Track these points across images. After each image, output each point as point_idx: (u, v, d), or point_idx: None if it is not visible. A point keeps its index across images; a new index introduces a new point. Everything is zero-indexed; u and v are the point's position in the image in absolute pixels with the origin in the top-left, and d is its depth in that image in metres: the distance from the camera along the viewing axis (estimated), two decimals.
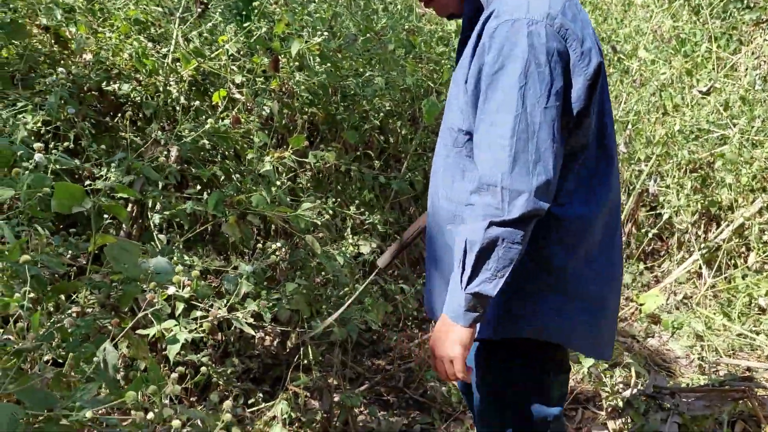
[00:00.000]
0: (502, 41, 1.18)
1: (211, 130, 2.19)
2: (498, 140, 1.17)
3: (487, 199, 1.17)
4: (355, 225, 2.91)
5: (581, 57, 1.21)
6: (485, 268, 1.18)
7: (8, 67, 2.16)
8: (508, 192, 1.15)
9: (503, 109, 1.17)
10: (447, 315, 1.25)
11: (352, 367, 2.63)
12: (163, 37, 2.35)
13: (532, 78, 1.16)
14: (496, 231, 1.16)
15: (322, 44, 2.06)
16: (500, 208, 1.15)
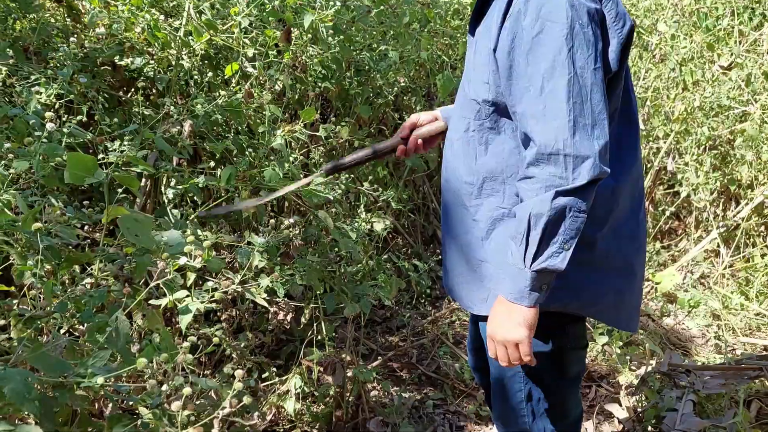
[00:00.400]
0: (540, 3, 1.13)
1: (224, 105, 2.18)
2: (553, 106, 1.12)
3: (550, 169, 1.12)
4: (369, 202, 2.90)
5: (616, 18, 1.18)
6: (552, 242, 1.13)
7: (22, 41, 2.16)
8: (572, 159, 1.10)
9: (553, 73, 1.12)
10: (507, 297, 1.19)
11: (365, 343, 2.64)
12: (175, 9, 2.33)
13: (578, 39, 1.11)
14: (563, 201, 1.11)
15: (335, 16, 2.02)
16: (564, 177, 1.11)
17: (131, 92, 2.41)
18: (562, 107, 1.11)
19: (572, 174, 1.10)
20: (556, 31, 1.11)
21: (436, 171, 3.61)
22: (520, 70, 1.16)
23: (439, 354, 2.64)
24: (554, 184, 1.11)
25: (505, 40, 1.18)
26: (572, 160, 1.10)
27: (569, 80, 1.10)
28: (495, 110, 1.27)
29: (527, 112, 1.15)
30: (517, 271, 1.16)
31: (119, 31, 2.29)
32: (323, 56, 2.18)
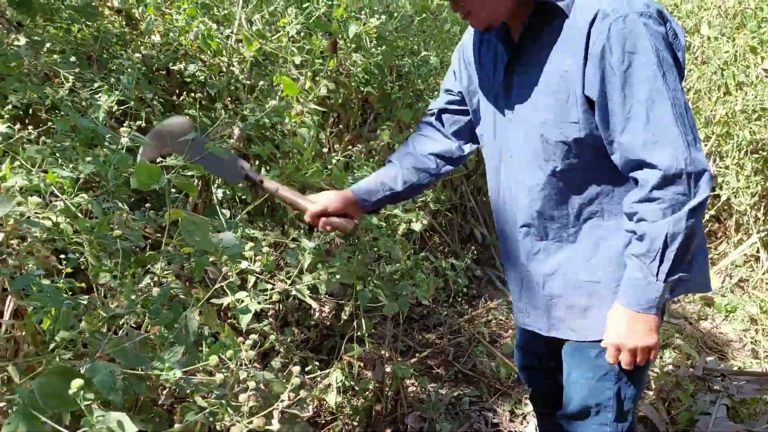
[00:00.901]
0: (622, 39, 1.20)
1: (271, 110, 2.28)
2: (664, 131, 1.20)
3: (675, 188, 1.20)
4: (407, 202, 2.97)
5: (675, 36, 1.26)
6: (686, 255, 1.24)
7: (84, 49, 2.29)
8: (693, 176, 1.19)
9: (654, 101, 1.20)
10: (635, 308, 1.28)
11: (403, 340, 2.72)
12: (226, 18, 2.43)
13: (665, 64, 1.20)
14: (694, 218, 1.21)
15: (379, 27, 2.10)
16: (688, 194, 1.20)
17: (183, 96, 2.54)
18: (673, 130, 1.19)
19: (694, 190, 1.20)
20: (645, 61, 1.19)
21: (473, 171, 3.67)
22: (616, 104, 1.23)
23: (475, 352, 2.70)
24: (679, 202, 1.20)
25: (592, 78, 1.24)
26: (694, 177, 1.19)
27: (671, 104, 1.19)
28: (585, 146, 1.32)
29: (635, 142, 1.23)
30: (646, 284, 1.25)
31: (174, 39, 2.41)
32: (366, 63, 2.26)
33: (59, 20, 2.26)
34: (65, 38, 2.24)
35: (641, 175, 1.24)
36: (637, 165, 1.25)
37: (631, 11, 1.20)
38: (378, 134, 2.72)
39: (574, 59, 1.26)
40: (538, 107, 1.34)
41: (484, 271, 3.49)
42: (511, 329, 2.99)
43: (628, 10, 1.20)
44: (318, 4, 2.25)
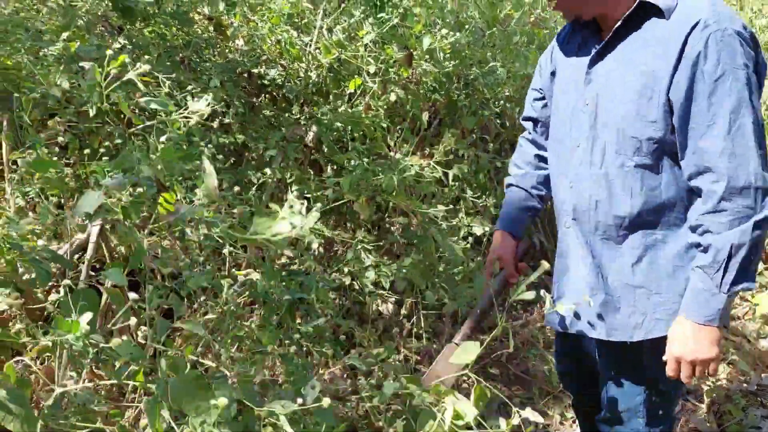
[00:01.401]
0: (719, 50, 1.25)
1: (345, 115, 2.42)
2: (743, 144, 1.25)
3: (742, 201, 1.25)
4: (469, 206, 3.06)
5: (765, 63, 1.32)
6: (750, 267, 1.27)
7: (177, 51, 2.49)
8: (762, 191, 1.25)
9: (739, 114, 1.25)
10: (698, 320, 1.31)
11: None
12: (306, 26, 2.59)
13: (754, 84, 1.26)
14: (759, 231, 1.25)
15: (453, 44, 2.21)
16: (754, 208, 1.25)
17: (262, 98, 2.71)
18: (752, 145, 1.24)
19: (761, 204, 1.25)
20: (738, 75, 1.24)
21: None
22: (701, 110, 1.27)
23: (528, 355, 2.77)
24: (746, 215, 1.25)
25: (681, 81, 1.29)
26: (762, 193, 1.24)
27: (753, 121, 1.25)
28: (658, 148, 1.35)
29: (712, 149, 1.27)
30: (709, 296, 1.29)
31: (257, 44, 2.58)
32: (437, 73, 2.37)
33: (155, 25, 2.46)
34: (161, 43, 2.44)
35: (708, 185, 1.29)
36: (706, 172, 1.29)
37: (731, 27, 1.25)
38: (443, 140, 2.82)
39: (666, 61, 1.30)
40: (621, 100, 1.38)
41: (541, 277, 3.53)
42: None
43: (729, 26, 1.25)
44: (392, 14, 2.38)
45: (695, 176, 1.32)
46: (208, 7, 2.44)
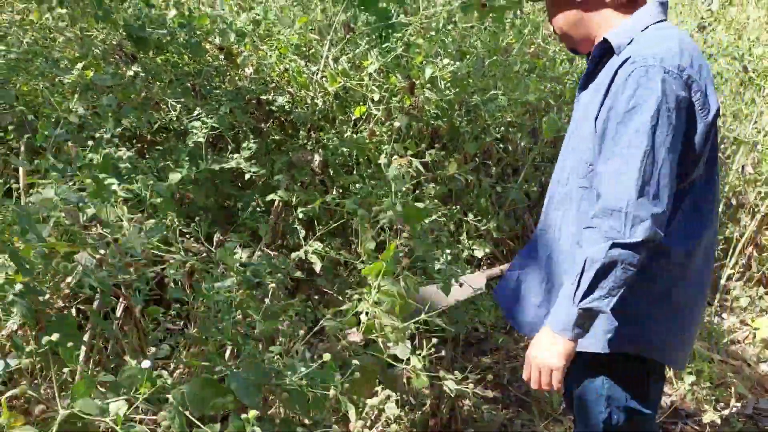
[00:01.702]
0: (636, 85, 1.32)
1: (350, 140, 2.50)
2: (627, 171, 1.30)
3: (611, 222, 1.30)
4: (470, 230, 3.11)
5: (702, 106, 1.36)
6: (601, 286, 1.30)
7: (188, 79, 2.58)
8: (631, 217, 1.28)
9: (634, 144, 1.30)
10: (553, 328, 1.37)
11: (460, 362, 2.85)
12: (313, 56, 2.68)
13: (662, 120, 1.30)
14: (617, 252, 1.29)
15: (454, 73, 2.29)
16: (622, 232, 1.28)
17: (269, 124, 2.79)
18: (634, 174, 1.29)
19: (629, 230, 1.28)
20: (646, 109, 1.30)
21: (536, 203, 3.78)
22: (609, 136, 1.36)
23: None
24: (613, 236, 1.29)
25: (604, 110, 1.39)
26: (632, 219, 1.28)
27: (645, 152, 1.30)
28: (590, 172, 1.46)
29: (605, 172, 1.35)
30: (567, 306, 1.34)
31: (266, 72, 2.67)
32: (438, 101, 2.44)
33: (168, 54, 2.55)
34: (173, 70, 2.53)
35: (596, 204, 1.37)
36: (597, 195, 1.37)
37: (657, 65, 1.32)
38: (446, 165, 2.89)
39: (600, 93, 1.41)
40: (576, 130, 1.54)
41: None
42: None
43: (655, 63, 1.32)
44: (396, 44, 2.46)
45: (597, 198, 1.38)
46: (220, 37, 2.53)
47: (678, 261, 1.46)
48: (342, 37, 2.46)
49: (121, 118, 2.24)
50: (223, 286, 1.59)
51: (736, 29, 3.94)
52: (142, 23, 2.42)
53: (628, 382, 1.55)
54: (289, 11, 2.69)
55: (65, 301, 2.10)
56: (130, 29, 2.39)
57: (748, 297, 3.43)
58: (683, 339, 1.55)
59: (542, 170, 3.51)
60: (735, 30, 3.94)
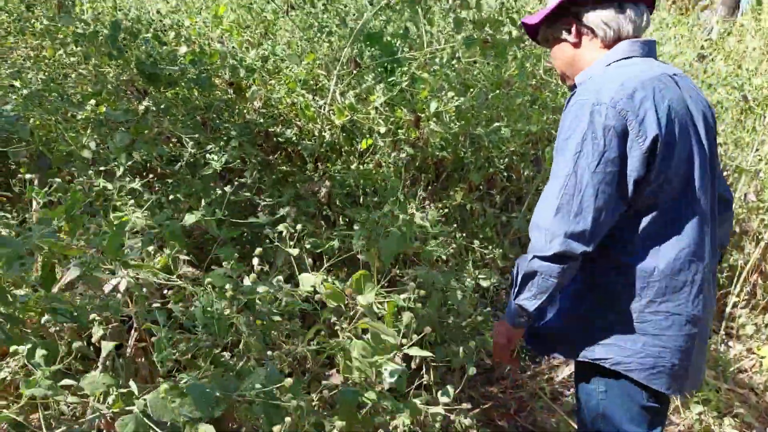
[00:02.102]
0: (572, 117, 1.47)
1: (356, 172, 2.54)
2: (549, 193, 1.46)
3: (535, 235, 1.47)
4: (476, 258, 3.14)
5: (638, 134, 1.44)
6: (527, 289, 1.50)
7: (198, 113, 2.64)
8: (548, 233, 1.44)
9: (560, 170, 1.46)
10: (505, 316, 1.64)
11: (466, 392, 2.85)
12: (320, 89, 2.74)
13: (587, 147, 1.43)
14: (536, 263, 1.47)
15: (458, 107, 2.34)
16: (541, 246, 1.45)
17: (278, 155, 2.85)
18: (553, 196, 1.45)
19: (547, 245, 1.44)
20: (574, 139, 1.45)
21: None
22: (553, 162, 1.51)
23: (536, 407, 2.80)
24: (535, 249, 1.47)
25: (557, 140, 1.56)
26: (548, 235, 1.44)
27: (567, 176, 1.44)
28: None
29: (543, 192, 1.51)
30: (510, 301, 1.58)
31: (274, 106, 2.73)
32: (443, 134, 2.49)
33: (179, 89, 2.62)
34: (183, 105, 2.59)
35: None
36: None
37: (590, 100, 1.45)
38: (451, 195, 2.93)
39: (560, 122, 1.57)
40: None
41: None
42: (573, 387, 3.07)
43: (589, 99, 1.45)
44: (401, 78, 2.52)
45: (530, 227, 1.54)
46: (230, 72, 2.59)
47: (645, 279, 1.50)
48: (349, 72, 2.52)
49: (132, 152, 2.30)
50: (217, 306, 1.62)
51: (735, 59, 4.01)
52: (154, 60, 2.49)
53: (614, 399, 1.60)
54: (296, 46, 2.76)
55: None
56: (143, 66, 2.46)
57: (753, 324, 3.44)
58: (664, 363, 1.54)
59: None
60: (734, 60, 4.00)
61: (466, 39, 2.32)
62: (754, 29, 4.70)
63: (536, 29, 1.73)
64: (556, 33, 1.66)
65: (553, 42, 1.69)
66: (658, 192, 1.49)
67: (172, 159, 2.58)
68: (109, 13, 2.91)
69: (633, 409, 1.59)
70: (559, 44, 1.67)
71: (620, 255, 1.52)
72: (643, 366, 1.54)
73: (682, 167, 1.50)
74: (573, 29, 1.62)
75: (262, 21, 2.89)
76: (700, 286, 1.54)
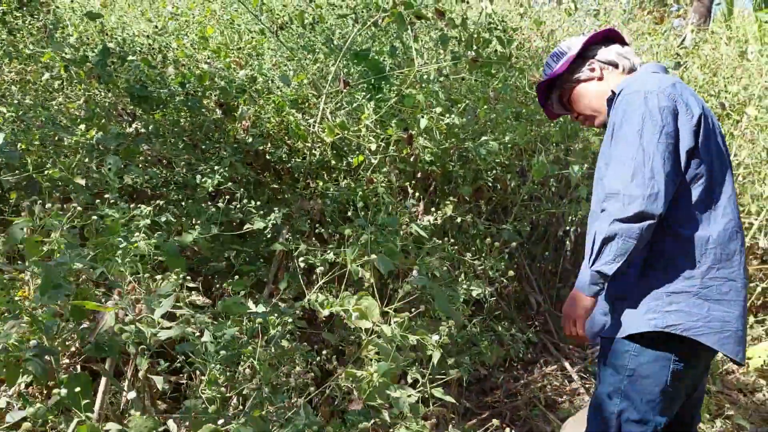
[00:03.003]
0: (625, 105, 1.66)
1: (348, 188, 2.57)
2: (621, 164, 1.61)
3: (612, 203, 1.60)
4: (468, 270, 3.18)
5: (686, 111, 1.65)
6: (606, 253, 1.59)
7: (188, 135, 2.65)
8: (627, 197, 1.57)
9: (626, 145, 1.62)
10: (577, 288, 1.68)
11: (462, 402, 2.88)
12: (310, 108, 2.77)
13: (647, 123, 1.61)
14: (616, 226, 1.57)
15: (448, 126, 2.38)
16: (621, 210, 1.57)
17: (267, 174, 2.86)
18: (627, 163, 1.60)
19: (626, 207, 1.57)
20: (633, 119, 1.63)
21: (527, 240, 3.86)
22: (611, 147, 1.69)
23: (531, 416, 2.83)
24: (613, 213, 1.58)
25: (608, 131, 1.75)
26: (627, 198, 1.57)
27: (636, 148, 1.60)
28: None
29: (609, 171, 1.66)
30: (586, 268, 1.65)
31: (264, 125, 2.75)
32: (433, 149, 2.53)
33: (169, 111, 2.63)
34: (173, 127, 2.60)
35: None
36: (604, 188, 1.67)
37: (637, 89, 1.65)
38: (441, 207, 2.97)
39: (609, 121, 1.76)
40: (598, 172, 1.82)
41: (539, 337, 3.62)
42: (566, 394, 3.11)
43: (636, 89, 1.66)
44: (389, 95, 2.56)
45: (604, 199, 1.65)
46: (219, 93, 2.61)
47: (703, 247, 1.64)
48: (338, 90, 2.55)
49: (124, 175, 2.30)
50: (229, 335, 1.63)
51: (710, 67, 4.11)
52: (143, 83, 2.50)
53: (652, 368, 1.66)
54: (284, 66, 2.78)
55: (71, 359, 2.13)
56: (132, 89, 2.47)
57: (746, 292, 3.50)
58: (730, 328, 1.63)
59: (532, 209, 3.60)
60: (709, 68, 4.10)
61: (453, 56, 2.36)
62: (727, 37, 4.83)
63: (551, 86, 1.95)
64: (581, 75, 1.89)
65: (574, 86, 1.90)
66: (703, 166, 1.65)
67: (163, 181, 2.58)
68: (94, 36, 2.92)
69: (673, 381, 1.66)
70: (582, 85, 1.89)
71: (677, 225, 1.65)
72: (712, 330, 1.62)
73: (715, 147, 1.69)
74: (596, 66, 1.88)
75: (249, 42, 2.91)
76: (743, 256, 1.69)
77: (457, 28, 2.35)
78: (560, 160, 3.53)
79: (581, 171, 3.21)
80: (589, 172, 3.41)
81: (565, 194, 3.79)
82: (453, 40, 2.50)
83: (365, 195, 2.56)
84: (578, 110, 1.95)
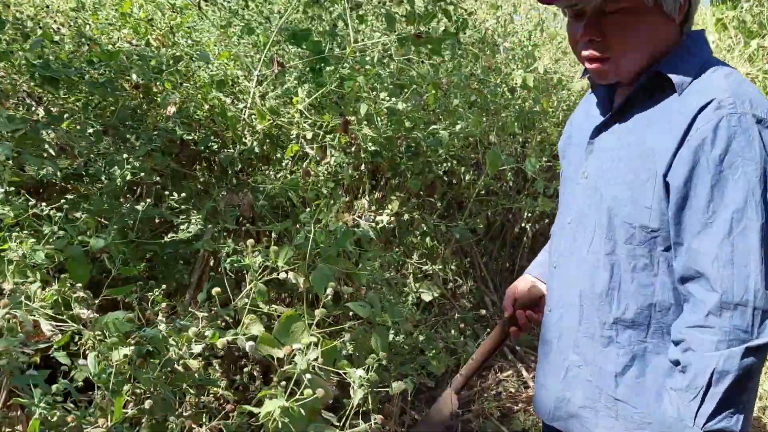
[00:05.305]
0: (730, 137, 1.05)
1: (283, 181, 2.31)
2: (744, 253, 1.04)
3: (734, 321, 1.04)
4: (416, 272, 2.96)
5: None
6: (733, 402, 1.05)
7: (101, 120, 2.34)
8: (760, 312, 1.04)
9: (744, 216, 1.04)
10: None
11: (410, 414, 2.66)
12: (240, 92, 2.49)
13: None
14: (751, 359, 1.04)
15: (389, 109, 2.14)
16: (749, 332, 1.03)
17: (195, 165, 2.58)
18: (755, 256, 1.04)
19: (758, 329, 1.04)
20: (750, 169, 1.04)
21: (484, 236, 3.67)
22: (700, 202, 1.07)
23: (484, 428, 2.64)
24: (738, 338, 1.04)
25: (682, 166, 1.09)
26: (761, 314, 1.04)
27: (762, 226, 1.04)
28: (653, 239, 1.15)
29: (706, 251, 1.07)
30: (681, 427, 1.08)
31: (189, 111, 2.46)
32: (376, 138, 2.29)
33: (78, 94, 2.32)
34: (83, 112, 2.30)
35: (698, 294, 1.08)
36: (698, 278, 1.08)
37: (750, 112, 1.07)
38: (388, 203, 2.73)
39: (669, 140, 1.10)
40: (616, 180, 1.19)
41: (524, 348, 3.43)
42: (522, 402, 2.92)
43: (748, 110, 1.06)
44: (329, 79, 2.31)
45: (686, 280, 1.11)
46: (136, 74, 2.32)
47: None
48: (270, 74, 2.29)
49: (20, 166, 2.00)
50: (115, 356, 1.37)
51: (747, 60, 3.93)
52: (47, 61, 2.19)
53: None
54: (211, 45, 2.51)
55: None
56: (36, 69, 2.16)
57: None
58: None
59: (487, 204, 3.41)
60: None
61: (398, 35, 2.12)
62: None
63: None
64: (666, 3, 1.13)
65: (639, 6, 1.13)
66: None
67: (72, 174, 2.28)
68: None
69: None
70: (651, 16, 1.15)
71: None
72: None
73: None
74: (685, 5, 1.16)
75: (172, 18, 2.62)
76: None
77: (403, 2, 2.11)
78: (517, 152, 3.34)
79: (539, 164, 3.02)
80: (547, 165, 3.23)
81: (522, 188, 3.61)
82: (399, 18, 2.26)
83: (301, 188, 2.30)
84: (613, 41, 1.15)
